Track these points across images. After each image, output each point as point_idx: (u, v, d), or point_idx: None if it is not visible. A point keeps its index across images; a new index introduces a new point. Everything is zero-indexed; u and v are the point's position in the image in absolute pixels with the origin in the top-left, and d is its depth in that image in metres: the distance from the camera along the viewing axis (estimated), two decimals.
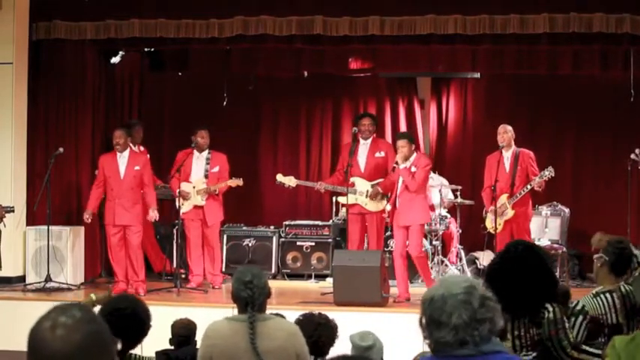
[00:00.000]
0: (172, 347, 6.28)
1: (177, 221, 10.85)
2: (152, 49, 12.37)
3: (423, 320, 2.86)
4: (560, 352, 4.44)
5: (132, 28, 10.81)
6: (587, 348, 4.65)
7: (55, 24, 10.98)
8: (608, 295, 5.07)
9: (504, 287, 4.14)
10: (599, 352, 4.73)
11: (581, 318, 4.96)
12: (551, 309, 4.39)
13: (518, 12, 10.16)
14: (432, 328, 2.82)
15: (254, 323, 4.43)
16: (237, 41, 10.99)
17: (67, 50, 11.27)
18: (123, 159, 10.27)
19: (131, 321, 4.37)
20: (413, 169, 9.66)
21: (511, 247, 4.53)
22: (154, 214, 10.31)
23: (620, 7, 10.03)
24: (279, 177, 10.82)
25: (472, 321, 2.78)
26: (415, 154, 9.81)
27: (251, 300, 4.48)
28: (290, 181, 10.78)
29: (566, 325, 4.49)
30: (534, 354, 4.42)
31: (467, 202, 11.93)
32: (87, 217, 10.41)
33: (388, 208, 10.06)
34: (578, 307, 5.02)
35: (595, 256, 5.39)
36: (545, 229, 11.42)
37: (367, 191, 10.24)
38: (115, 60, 12.06)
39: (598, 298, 5.06)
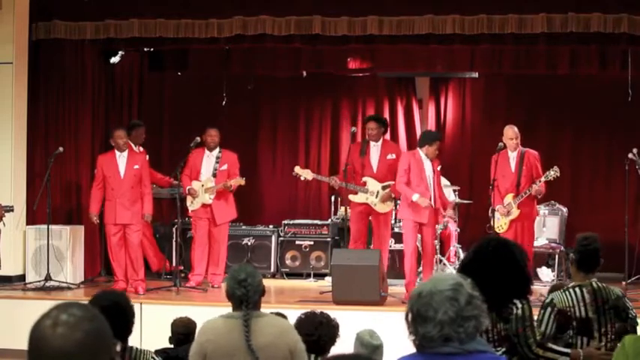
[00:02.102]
0: (172, 346, 6.32)
1: (176, 220, 10.89)
2: (152, 49, 12.39)
3: (409, 316, 2.88)
4: (525, 350, 4.49)
5: (131, 28, 10.85)
6: (553, 346, 4.70)
7: (54, 24, 11.02)
8: (577, 289, 5.12)
9: (474, 281, 4.18)
10: (565, 350, 4.78)
11: (549, 310, 5.04)
12: (520, 305, 4.42)
13: (517, 12, 10.20)
14: (418, 324, 2.84)
15: (248, 321, 4.45)
16: (236, 41, 11.03)
17: (67, 50, 11.30)
18: (122, 158, 10.29)
19: (114, 313, 4.32)
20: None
21: (484, 242, 4.57)
22: (146, 217, 10.38)
23: (618, 7, 10.07)
24: (297, 169, 10.89)
25: (458, 317, 2.80)
26: None
27: (245, 298, 4.49)
28: (307, 174, 10.84)
29: (534, 323, 4.54)
30: (503, 349, 4.47)
31: (465, 201, 11.97)
32: (95, 219, 10.44)
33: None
34: (547, 301, 5.10)
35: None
36: (543, 228, 11.47)
37: (377, 192, 10.27)
38: (115, 60, 12.07)
39: (567, 292, 5.12)
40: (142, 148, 11.22)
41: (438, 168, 9.89)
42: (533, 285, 4.74)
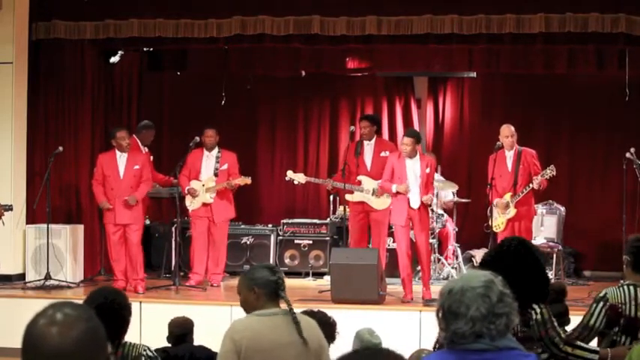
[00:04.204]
0: (170, 345, 6.34)
1: (175, 219, 10.92)
2: (151, 49, 12.42)
3: (440, 312, 2.89)
4: (553, 349, 4.48)
5: (131, 28, 10.88)
6: (581, 344, 4.70)
7: (54, 24, 11.05)
8: (632, 287, 5.11)
9: None
10: (594, 348, 4.78)
11: (601, 305, 5.02)
12: (538, 310, 4.38)
13: (515, 12, 10.24)
14: (450, 320, 2.85)
15: (294, 313, 4.32)
16: (235, 41, 11.06)
17: (67, 50, 11.33)
18: (122, 158, 10.33)
19: (110, 311, 4.33)
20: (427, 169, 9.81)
21: (505, 243, 4.55)
22: (129, 199, 10.19)
23: (616, 6, 10.11)
24: (290, 173, 10.92)
25: (489, 314, 2.81)
26: (418, 153, 9.94)
27: (282, 282, 4.39)
28: (300, 178, 10.87)
29: (555, 323, 4.53)
30: (540, 349, 4.45)
31: (463, 200, 12.01)
32: (108, 205, 10.27)
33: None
34: (601, 295, 5.09)
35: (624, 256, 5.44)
36: (541, 227, 11.49)
37: (373, 189, 10.33)
38: (114, 59, 12.10)
39: (622, 289, 5.10)
40: (146, 149, 11.29)
41: (427, 170, 9.79)
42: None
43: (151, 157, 11.05)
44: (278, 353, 4.24)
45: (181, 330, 6.35)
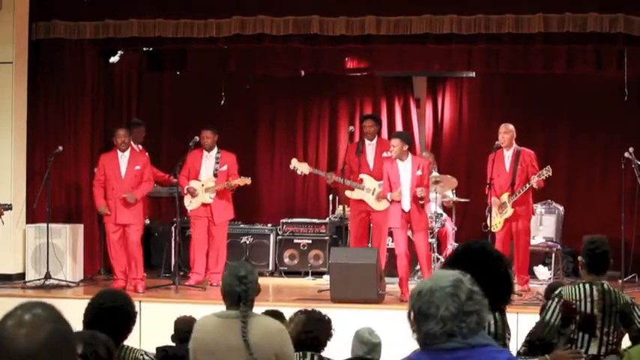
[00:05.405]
0: (173, 344, 6.36)
1: (175, 219, 10.93)
2: (150, 49, 12.43)
3: (411, 314, 2.89)
4: None
5: (130, 28, 10.90)
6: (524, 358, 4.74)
7: (54, 24, 11.07)
8: (587, 285, 5.17)
9: None
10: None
11: (555, 301, 5.11)
12: (492, 322, 4.28)
13: (514, 12, 10.27)
14: (420, 321, 2.85)
15: (247, 318, 4.35)
16: (234, 41, 11.08)
17: (67, 50, 11.35)
18: (124, 158, 10.35)
19: (114, 314, 4.35)
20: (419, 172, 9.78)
21: (466, 246, 4.47)
22: (128, 196, 10.18)
23: (615, 6, 10.14)
24: (294, 162, 10.93)
25: (459, 313, 2.81)
26: (410, 155, 9.94)
27: (244, 295, 4.39)
28: (304, 168, 10.88)
29: (507, 336, 4.47)
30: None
31: (462, 199, 12.03)
32: (105, 210, 10.29)
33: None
34: (556, 292, 5.17)
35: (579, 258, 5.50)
36: (540, 226, 11.51)
37: (374, 189, 10.35)
38: (114, 59, 12.11)
39: (576, 287, 5.18)
40: (140, 147, 11.29)
41: (418, 172, 9.78)
42: (513, 295, 4.56)
43: (147, 154, 11.03)
44: (221, 356, 4.34)
45: (188, 328, 6.35)
